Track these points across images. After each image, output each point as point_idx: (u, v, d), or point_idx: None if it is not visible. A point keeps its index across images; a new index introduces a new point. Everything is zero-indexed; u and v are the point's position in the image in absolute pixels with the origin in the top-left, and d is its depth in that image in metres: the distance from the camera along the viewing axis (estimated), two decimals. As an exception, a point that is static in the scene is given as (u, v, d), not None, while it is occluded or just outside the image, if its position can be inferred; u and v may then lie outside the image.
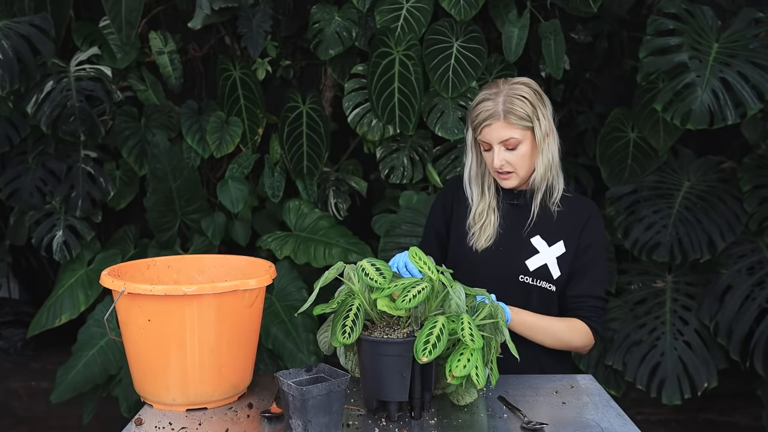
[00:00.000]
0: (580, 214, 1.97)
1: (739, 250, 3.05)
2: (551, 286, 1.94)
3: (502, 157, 1.88)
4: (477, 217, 1.96)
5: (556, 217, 1.96)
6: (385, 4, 3.02)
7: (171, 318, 1.67)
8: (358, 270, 1.67)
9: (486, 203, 1.96)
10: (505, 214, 1.97)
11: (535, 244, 1.94)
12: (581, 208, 1.99)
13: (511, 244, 1.94)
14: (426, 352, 1.52)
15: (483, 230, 1.95)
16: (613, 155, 3.24)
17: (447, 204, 2.07)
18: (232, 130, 3.26)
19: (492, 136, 1.87)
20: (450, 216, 2.05)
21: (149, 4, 3.36)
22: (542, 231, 1.95)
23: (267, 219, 3.36)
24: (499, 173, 1.92)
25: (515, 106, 1.85)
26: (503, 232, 1.96)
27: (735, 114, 2.68)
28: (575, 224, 1.96)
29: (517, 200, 1.98)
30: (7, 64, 2.85)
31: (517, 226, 1.96)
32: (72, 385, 3.11)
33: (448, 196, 2.08)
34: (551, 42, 2.99)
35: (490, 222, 1.94)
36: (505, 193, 1.99)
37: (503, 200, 1.99)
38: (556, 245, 1.94)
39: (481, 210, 1.96)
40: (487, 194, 1.98)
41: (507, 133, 1.86)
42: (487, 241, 1.94)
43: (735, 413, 3.41)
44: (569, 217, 1.96)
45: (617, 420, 1.66)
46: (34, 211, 3.27)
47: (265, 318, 2.95)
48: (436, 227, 2.09)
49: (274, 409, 1.68)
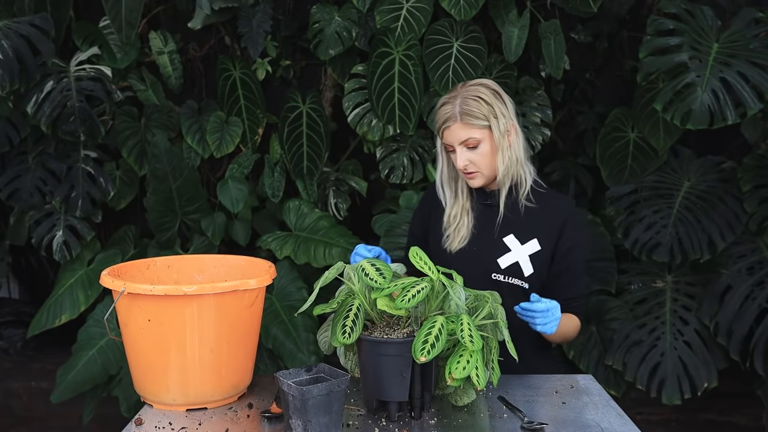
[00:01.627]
0: (556, 214, 1.99)
1: (739, 250, 3.05)
2: (523, 282, 1.97)
3: (464, 157, 1.93)
4: (451, 219, 2.02)
5: (529, 215, 1.99)
6: (385, 4, 3.02)
7: (171, 318, 1.67)
8: (358, 270, 1.67)
9: (459, 206, 2.01)
10: (478, 215, 2.02)
11: (507, 243, 1.98)
12: (557, 207, 2.01)
13: (483, 243, 1.99)
14: (424, 351, 1.52)
15: (457, 232, 2.00)
16: (613, 155, 3.24)
17: (425, 210, 2.13)
18: (232, 130, 3.26)
19: (452, 138, 1.93)
20: (428, 221, 2.10)
21: (149, 4, 3.36)
22: (515, 229, 1.98)
23: (267, 219, 3.36)
24: (464, 173, 1.97)
25: (471, 107, 1.90)
26: (477, 232, 2.00)
27: (735, 114, 2.68)
28: (551, 224, 1.98)
29: (489, 200, 2.02)
30: (7, 64, 2.85)
31: (490, 226, 2.00)
32: (72, 385, 3.11)
33: (426, 202, 2.14)
34: (551, 42, 2.99)
35: (463, 224, 2.00)
36: (478, 194, 2.04)
37: (477, 201, 2.03)
38: (529, 243, 1.97)
39: (455, 213, 2.01)
40: (460, 197, 2.03)
41: (465, 134, 1.91)
42: (461, 243, 1.99)
43: (735, 413, 3.41)
44: (543, 214, 1.99)
45: (617, 420, 1.66)
46: (34, 211, 3.27)
47: (265, 318, 2.96)
48: (416, 234, 2.15)
49: (274, 409, 1.68)
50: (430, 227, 2.09)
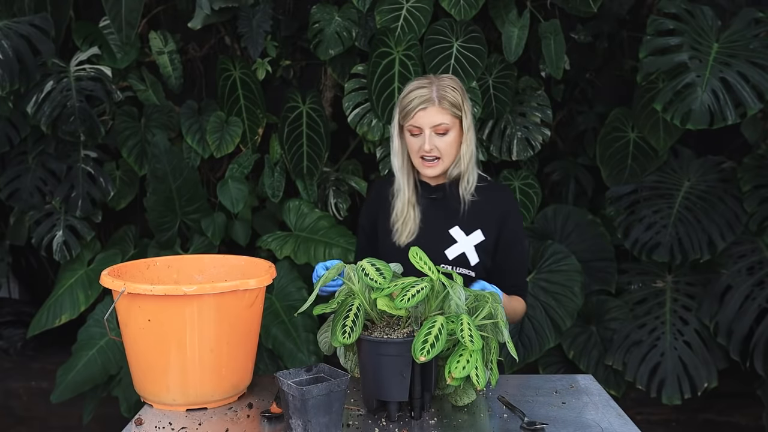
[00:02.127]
0: (498, 206, 2.06)
1: (739, 250, 3.05)
2: (470, 272, 2.03)
3: (432, 141, 1.96)
4: (398, 213, 2.05)
5: (472, 207, 2.04)
6: (385, 4, 3.02)
7: (171, 318, 1.67)
8: (358, 270, 1.67)
9: (406, 199, 2.05)
10: (425, 209, 2.06)
11: (453, 235, 2.03)
12: (498, 198, 2.08)
13: (431, 236, 2.03)
14: (424, 351, 1.52)
15: (405, 225, 2.04)
16: (613, 155, 3.24)
17: (372, 206, 2.15)
18: (232, 130, 3.26)
19: (425, 121, 1.96)
20: (376, 217, 2.13)
21: (149, 4, 3.36)
22: (460, 221, 2.04)
23: (267, 219, 3.36)
24: (424, 160, 1.99)
25: (447, 94, 1.96)
26: (424, 226, 2.04)
27: (735, 114, 2.68)
28: (493, 214, 2.05)
29: (435, 194, 2.06)
30: (7, 64, 2.84)
31: (437, 219, 2.05)
32: (72, 385, 3.11)
33: (374, 197, 2.17)
34: (551, 42, 2.99)
35: (410, 217, 2.04)
36: (423, 189, 2.07)
37: (422, 196, 2.07)
38: (474, 234, 2.03)
39: (402, 206, 2.05)
40: (407, 190, 2.06)
41: (439, 118, 1.95)
42: (409, 237, 2.03)
43: (735, 413, 3.41)
44: (485, 206, 2.05)
45: (617, 420, 1.66)
46: (34, 211, 3.27)
47: (265, 318, 2.95)
48: (365, 229, 2.17)
49: (274, 409, 1.68)
50: (379, 222, 2.11)
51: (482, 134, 3.25)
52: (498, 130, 3.24)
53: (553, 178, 3.44)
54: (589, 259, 3.20)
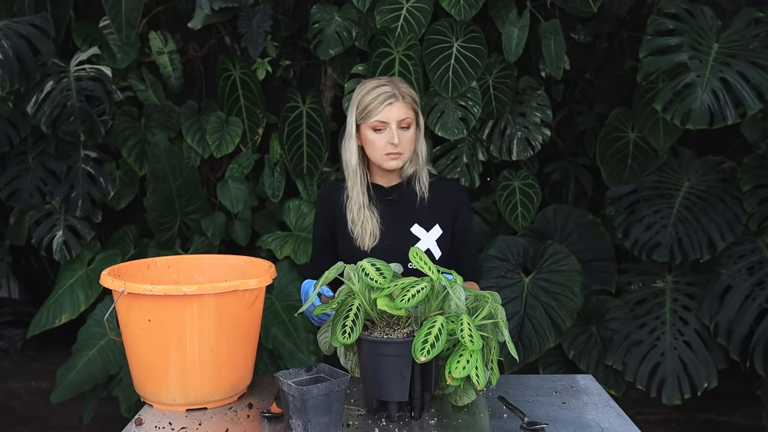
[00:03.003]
0: (449, 198, 2.14)
1: (739, 250, 3.05)
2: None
3: (398, 134, 2.01)
4: (356, 217, 2.08)
5: (426, 203, 2.10)
6: (385, 4, 3.02)
7: (171, 318, 1.67)
8: (358, 270, 1.67)
9: (360, 202, 2.07)
10: (382, 212, 2.08)
11: (415, 233, 2.08)
12: (448, 191, 2.16)
13: (394, 237, 2.06)
14: (424, 351, 1.52)
15: (364, 229, 2.06)
16: (613, 155, 3.24)
17: (326, 211, 2.15)
18: (232, 130, 3.26)
19: (392, 115, 2.01)
20: (332, 222, 2.13)
21: (149, 4, 3.36)
22: (418, 219, 2.09)
23: (267, 219, 3.36)
24: (388, 154, 2.03)
25: (410, 92, 2.06)
26: (385, 228, 2.07)
27: (735, 114, 2.68)
28: (446, 207, 2.12)
29: (391, 195, 2.10)
30: (7, 64, 2.84)
31: (396, 220, 2.08)
32: (72, 385, 3.11)
33: (325, 203, 2.16)
34: (551, 42, 2.99)
35: (368, 220, 2.07)
36: (377, 192, 2.11)
37: (377, 198, 2.10)
38: (433, 229, 2.09)
39: (357, 209, 2.07)
40: (360, 194, 2.08)
41: (404, 113, 2.02)
42: (372, 240, 2.06)
43: (735, 413, 3.41)
44: (438, 200, 2.12)
45: (617, 420, 1.66)
46: (34, 211, 3.27)
47: (265, 318, 2.95)
48: (322, 236, 2.17)
49: (274, 409, 1.68)
50: (336, 228, 2.12)
51: (482, 134, 3.25)
52: (498, 130, 3.24)
53: (553, 178, 3.44)
54: (589, 259, 3.20)
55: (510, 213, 3.24)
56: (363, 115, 2.03)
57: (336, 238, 2.12)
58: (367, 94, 2.04)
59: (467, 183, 3.21)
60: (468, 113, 3.02)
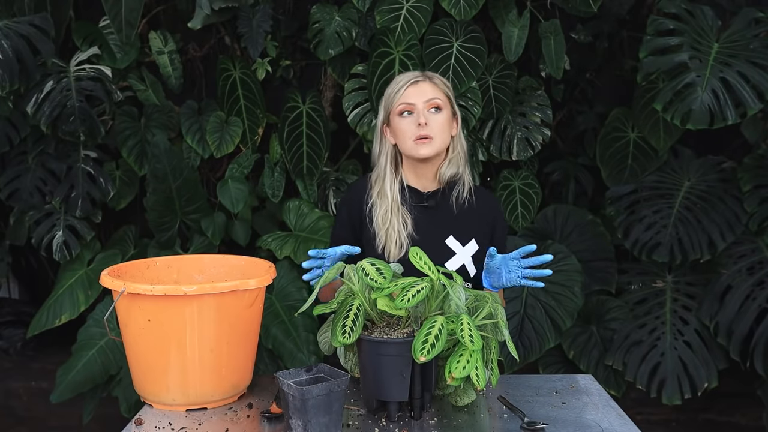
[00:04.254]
0: (487, 211, 1.98)
1: (739, 250, 3.05)
2: (469, 284, 1.93)
3: (426, 116, 1.87)
4: (381, 221, 1.90)
5: (462, 214, 1.94)
6: (385, 4, 3.02)
7: (171, 318, 1.67)
8: (358, 270, 1.67)
9: (389, 204, 1.90)
10: (416, 218, 1.92)
11: (450, 246, 1.92)
12: (486, 204, 1.99)
13: (428, 248, 1.84)
14: (424, 351, 1.52)
15: (389, 236, 1.88)
16: (613, 155, 3.24)
17: (352, 210, 1.98)
18: (232, 130, 3.26)
19: (417, 95, 1.89)
20: (358, 223, 1.97)
21: (149, 4, 3.36)
22: (454, 231, 1.93)
23: (267, 219, 3.36)
24: (418, 139, 1.87)
25: (439, 77, 1.95)
26: (419, 237, 1.91)
27: (735, 114, 2.68)
28: (484, 221, 1.96)
29: (428, 201, 1.95)
30: (7, 64, 2.84)
31: (431, 229, 1.92)
32: (72, 385, 3.11)
33: (353, 202, 1.99)
34: (551, 42, 2.99)
35: (394, 226, 1.89)
36: (413, 195, 1.95)
37: (412, 203, 1.93)
38: (470, 244, 1.94)
39: (384, 212, 1.90)
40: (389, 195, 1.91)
41: (432, 92, 1.89)
42: (401, 249, 1.89)
43: (735, 413, 3.41)
44: (476, 213, 1.96)
45: (617, 420, 1.66)
46: (34, 211, 3.27)
47: (265, 318, 2.95)
48: (340, 233, 2.00)
49: (274, 409, 1.68)
50: (363, 231, 1.95)
51: (482, 134, 3.25)
52: (498, 130, 3.24)
53: (553, 178, 3.44)
54: (589, 259, 3.20)
55: (510, 213, 3.24)
56: (389, 102, 1.91)
57: (360, 239, 1.96)
58: (393, 83, 1.94)
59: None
60: (468, 113, 3.02)
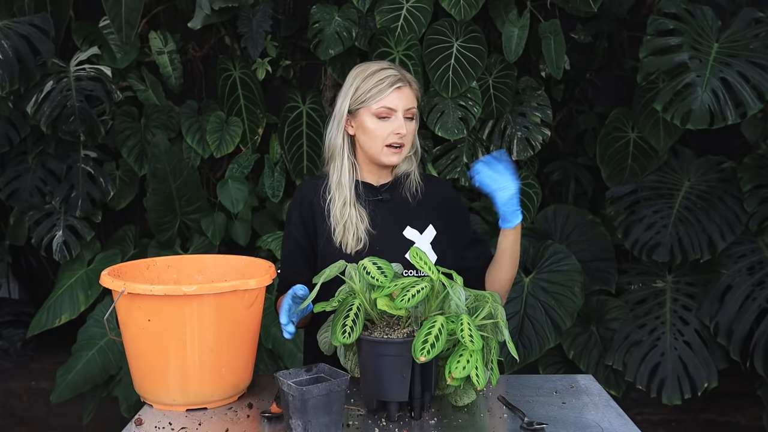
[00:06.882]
0: (442, 196, 1.97)
1: (739, 250, 3.05)
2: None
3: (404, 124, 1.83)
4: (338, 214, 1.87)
5: (416, 203, 1.93)
6: (385, 4, 3.02)
7: (171, 318, 1.67)
8: (359, 268, 1.67)
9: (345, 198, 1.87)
10: (371, 212, 1.89)
11: (408, 236, 1.90)
12: (437, 188, 1.99)
13: (385, 242, 1.86)
14: (424, 351, 1.52)
15: (346, 229, 1.86)
16: (613, 155, 3.24)
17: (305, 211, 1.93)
18: (232, 130, 3.26)
19: (400, 103, 1.82)
20: (312, 223, 1.92)
21: (149, 4, 3.36)
22: (410, 220, 1.91)
23: (267, 219, 3.36)
24: (391, 146, 1.84)
25: (413, 80, 1.88)
26: (375, 231, 1.87)
27: (735, 114, 2.68)
28: (438, 205, 1.95)
29: (382, 195, 1.92)
30: (7, 64, 2.84)
31: (387, 222, 1.90)
32: (72, 385, 3.11)
33: (303, 203, 1.94)
34: (551, 42, 2.99)
35: (351, 219, 1.86)
36: (367, 190, 1.92)
37: (366, 198, 1.90)
38: (427, 230, 1.92)
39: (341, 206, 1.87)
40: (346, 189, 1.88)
41: (411, 101, 1.85)
42: (358, 243, 1.85)
43: (735, 413, 3.41)
44: (430, 200, 1.95)
45: (617, 420, 1.66)
46: (34, 211, 3.27)
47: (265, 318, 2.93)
48: (298, 242, 1.94)
49: (274, 409, 1.68)
50: (317, 228, 1.90)
51: (482, 134, 3.25)
52: (498, 130, 3.24)
53: (553, 178, 3.44)
54: (589, 259, 3.20)
55: (510, 213, 3.24)
56: (365, 98, 1.82)
57: (315, 242, 1.91)
58: (370, 76, 1.82)
59: (467, 183, 3.21)
60: (468, 113, 3.02)
